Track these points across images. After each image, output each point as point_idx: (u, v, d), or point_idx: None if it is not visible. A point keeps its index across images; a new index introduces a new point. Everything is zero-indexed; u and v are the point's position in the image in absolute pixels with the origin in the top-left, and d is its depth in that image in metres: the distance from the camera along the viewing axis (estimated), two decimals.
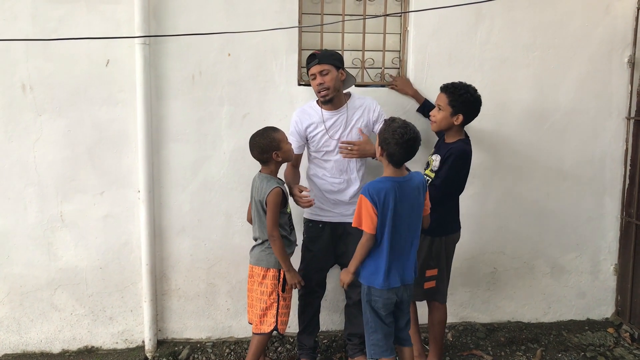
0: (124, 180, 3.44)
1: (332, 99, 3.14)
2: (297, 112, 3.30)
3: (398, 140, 2.64)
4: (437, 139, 3.37)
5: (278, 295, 3.02)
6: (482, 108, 3.13)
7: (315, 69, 3.08)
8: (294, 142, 3.20)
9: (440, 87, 3.15)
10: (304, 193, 3.14)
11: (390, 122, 2.73)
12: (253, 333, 3.08)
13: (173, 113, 3.42)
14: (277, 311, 3.03)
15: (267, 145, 2.94)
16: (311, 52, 3.18)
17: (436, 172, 3.12)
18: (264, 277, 3.01)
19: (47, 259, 3.46)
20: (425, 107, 3.47)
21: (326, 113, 3.20)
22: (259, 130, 3.01)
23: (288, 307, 3.10)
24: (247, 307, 3.16)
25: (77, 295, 3.53)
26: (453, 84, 3.11)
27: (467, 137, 3.20)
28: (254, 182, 3.06)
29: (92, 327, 3.58)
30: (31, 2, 3.21)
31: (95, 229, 3.47)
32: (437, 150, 3.21)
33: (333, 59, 3.11)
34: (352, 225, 2.79)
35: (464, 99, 3.05)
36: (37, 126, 3.32)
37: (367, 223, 2.71)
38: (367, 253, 2.78)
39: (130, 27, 3.25)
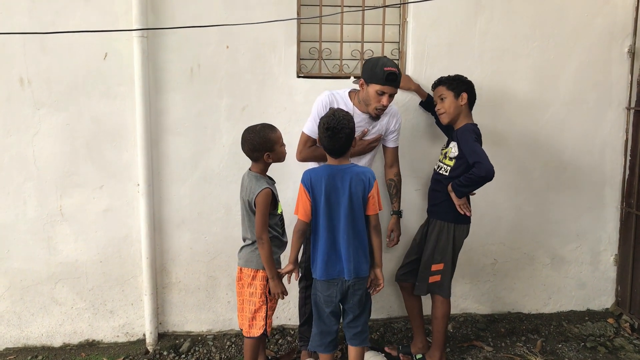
0: (123, 173, 3.43)
1: None
2: (328, 96, 3.14)
3: (323, 130, 2.70)
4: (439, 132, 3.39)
5: (266, 296, 2.92)
6: (481, 99, 3.14)
7: (390, 90, 2.97)
8: (313, 126, 3.09)
9: (433, 85, 3.26)
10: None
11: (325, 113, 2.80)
12: (244, 337, 3.01)
13: (172, 106, 3.41)
14: (266, 313, 2.93)
15: (260, 144, 2.82)
16: (308, 42, 3.12)
17: (457, 157, 3.13)
18: (253, 278, 2.91)
19: (47, 253, 3.46)
20: (428, 102, 3.46)
21: (358, 112, 3.13)
22: (256, 126, 2.88)
23: (274, 308, 3.01)
24: (237, 312, 3.06)
25: (77, 289, 3.53)
26: (442, 76, 3.24)
27: (474, 124, 3.21)
28: (243, 180, 2.94)
29: (92, 320, 3.58)
30: None
31: (95, 223, 3.47)
32: (451, 138, 3.24)
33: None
34: (294, 213, 2.82)
35: (460, 80, 3.18)
36: (35, 120, 3.31)
37: (299, 208, 2.79)
38: (300, 240, 2.82)
39: (128, 20, 3.23)
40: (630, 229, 3.91)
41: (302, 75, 3.55)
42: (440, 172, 3.25)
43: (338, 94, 3.18)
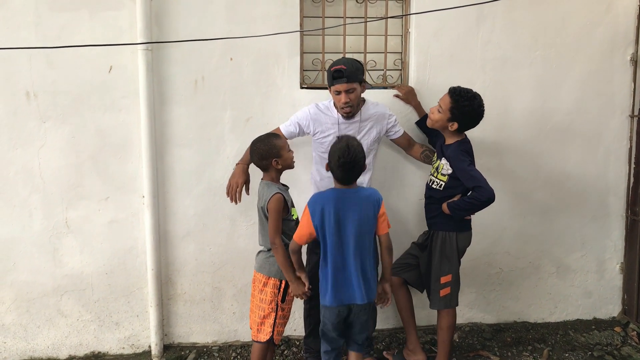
0: (128, 185, 3.45)
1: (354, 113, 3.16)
2: (313, 109, 3.25)
3: (336, 162, 2.67)
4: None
5: (277, 304, 2.93)
6: (485, 109, 3.12)
7: (341, 87, 3.02)
8: (291, 128, 3.23)
9: (449, 89, 3.11)
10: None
11: (336, 142, 2.75)
12: (252, 340, 3.03)
13: (176, 118, 3.44)
14: (275, 321, 2.94)
15: (267, 152, 2.88)
16: (311, 54, 3.17)
17: (450, 175, 3.13)
18: (264, 284, 2.93)
19: (53, 265, 3.48)
20: (423, 122, 3.44)
21: (342, 120, 3.19)
22: (261, 136, 2.97)
23: (286, 317, 3.02)
24: (249, 312, 3.11)
25: (83, 301, 3.54)
26: (461, 91, 3.05)
27: (466, 138, 3.20)
28: (258, 190, 3.02)
29: (98, 332, 3.59)
30: (34, 11, 3.23)
31: (101, 235, 3.49)
32: (442, 153, 3.21)
33: (358, 74, 3.04)
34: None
35: (464, 111, 3.04)
36: (41, 133, 3.34)
37: (297, 231, 2.79)
38: (298, 259, 2.81)
39: (133, 34, 3.27)
40: (636, 236, 3.89)
41: (306, 86, 3.57)
42: (434, 186, 3.24)
43: (323, 104, 3.28)
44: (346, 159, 2.64)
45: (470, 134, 3.26)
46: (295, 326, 3.70)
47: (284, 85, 3.49)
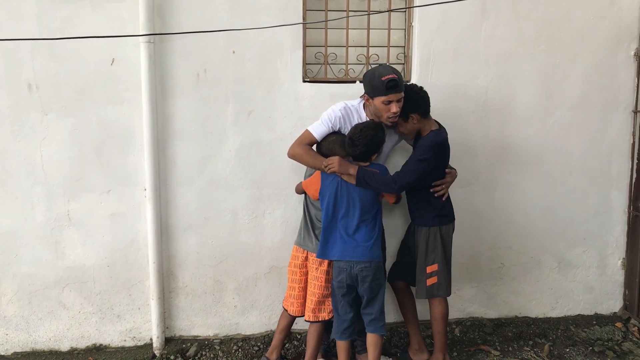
0: (130, 178, 3.45)
1: None
2: (342, 109, 3.14)
3: (349, 139, 3.02)
4: None
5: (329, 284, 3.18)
6: (488, 102, 3.09)
7: (395, 97, 2.93)
8: (323, 130, 3.12)
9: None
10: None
11: (358, 124, 3.06)
12: (312, 322, 3.20)
13: (179, 111, 3.43)
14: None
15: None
16: (314, 47, 3.12)
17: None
18: (320, 263, 3.14)
19: (55, 257, 3.48)
20: None
21: None
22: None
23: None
24: (290, 299, 3.29)
25: (85, 294, 3.55)
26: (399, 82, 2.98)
27: (440, 127, 3.17)
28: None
29: (100, 325, 3.59)
30: (36, 2, 3.22)
31: (103, 227, 3.49)
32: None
33: (403, 82, 3.01)
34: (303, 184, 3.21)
35: (404, 106, 3.03)
36: (43, 125, 3.34)
37: (309, 181, 3.19)
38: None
39: (135, 26, 3.26)
40: (638, 232, 3.89)
41: (308, 79, 3.56)
42: None
43: (353, 106, 3.18)
44: (353, 136, 2.98)
45: (472, 128, 3.27)
46: (298, 320, 3.70)
47: (286, 79, 3.48)
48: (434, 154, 3.06)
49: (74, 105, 3.34)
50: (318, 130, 3.13)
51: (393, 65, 3.65)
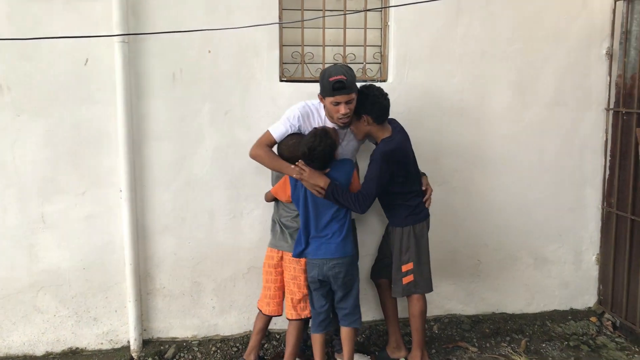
0: (105, 179, 3.41)
1: None
2: (302, 108, 3.14)
3: (306, 152, 2.98)
4: None
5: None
6: (463, 101, 3.12)
7: (342, 98, 2.91)
8: (282, 130, 3.09)
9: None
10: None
11: (312, 133, 3.03)
12: (292, 320, 3.21)
13: (154, 111, 3.40)
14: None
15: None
16: (290, 47, 3.12)
17: None
18: (297, 262, 3.15)
19: (29, 260, 3.42)
20: None
21: (329, 123, 3.14)
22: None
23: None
24: (266, 299, 3.27)
25: (60, 297, 3.49)
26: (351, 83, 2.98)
27: (392, 134, 3.15)
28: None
29: (76, 328, 3.54)
30: (6, 1, 3.15)
31: (78, 230, 3.44)
32: None
33: (355, 82, 2.98)
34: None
35: (360, 100, 3.03)
36: (15, 127, 3.27)
37: (277, 188, 3.20)
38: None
39: (109, 25, 3.21)
40: (611, 228, 3.95)
41: (285, 79, 3.56)
42: None
43: (313, 105, 3.17)
44: (310, 146, 2.96)
45: (448, 127, 3.29)
46: (276, 319, 3.69)
47: (263, 78, 3.47)
48: (385, 164, 3.05)
49: (47, 105, 3.29)
50: (277, 130, 3.11)
51: (370, 65, 3.69)
